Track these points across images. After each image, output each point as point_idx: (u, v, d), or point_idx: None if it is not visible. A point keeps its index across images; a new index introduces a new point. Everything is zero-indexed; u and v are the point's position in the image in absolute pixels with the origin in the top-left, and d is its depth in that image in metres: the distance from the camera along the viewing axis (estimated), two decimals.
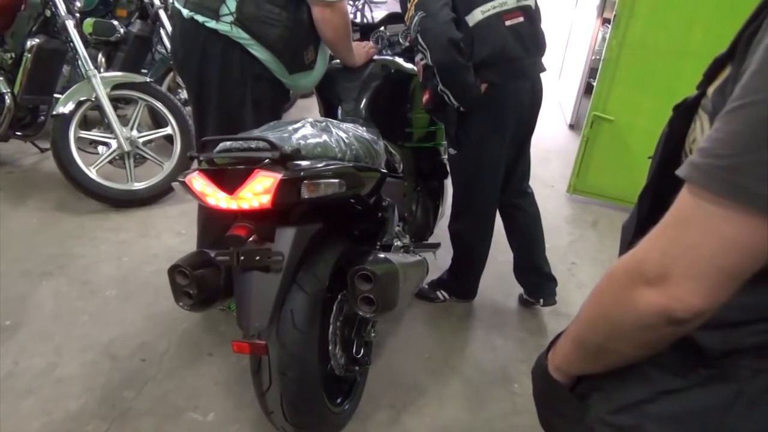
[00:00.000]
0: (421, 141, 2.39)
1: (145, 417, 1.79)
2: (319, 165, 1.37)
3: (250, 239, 1.34)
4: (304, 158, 1.37)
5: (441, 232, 2.47)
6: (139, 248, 2.72)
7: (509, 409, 1.96)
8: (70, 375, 1.93)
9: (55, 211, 2.99)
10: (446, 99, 1.94)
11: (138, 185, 3.06)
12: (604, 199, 3.74)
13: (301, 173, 1.29)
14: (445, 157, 2.34)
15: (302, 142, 1.41)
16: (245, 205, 1.28)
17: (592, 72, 4.67)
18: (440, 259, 2.56)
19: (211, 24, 1.77)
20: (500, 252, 2.58)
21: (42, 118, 3.26)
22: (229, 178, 1.29)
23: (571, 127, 5.34)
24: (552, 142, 4.92)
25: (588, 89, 4.73)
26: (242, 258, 1.33)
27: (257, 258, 1.33)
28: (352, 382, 1.81)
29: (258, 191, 1.26)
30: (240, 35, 1.77)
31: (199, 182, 1.30)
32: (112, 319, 2.21)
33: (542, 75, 2.12)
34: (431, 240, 2.53)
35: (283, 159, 1.30)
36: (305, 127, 1.51)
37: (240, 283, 1.38)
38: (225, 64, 1.82)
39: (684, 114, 0.69)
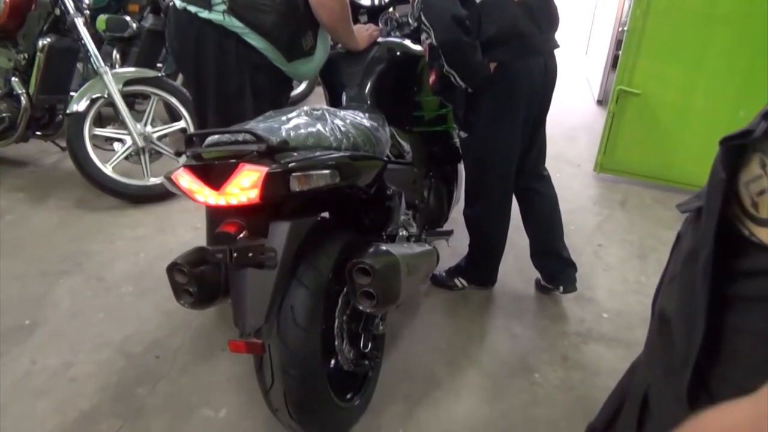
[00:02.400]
0: (431, 125, 2.31)
1: (158, 414, 1.79)
2: (309, 156, 1.31)
3: (242, 235, 1.30)
4: (293, 149, 1.32)
5: (460, 217, 2.39)
6: (155, 244, 2.72)
7: (529, 400, 1.89)
8: (84, 373, 1.94)
9: (74, 209, 3.02)
10: (453, 80, 1.85)
11: (154, 180, 3.06)
12: (633, 176, 3.59)
13: (289, 165, 1.24)
14: (457, 140, 2.25)
15: (293, 132, 1.35)
16: (233, 201, 1.24)
17: (619, 44, 4.47)
18: (459, 245, 2.49)
19: (204, 14, 1.72)
20: (522, 237, 2.49)
21: (60, 117, 3.28)
22: (216, 173, 1.25)
23: (599, 102, 5.16)
24: (579, 119, 4.77)
25: (616, 63, 4.55)
26: (235, 255, 1.29)
27: (250, 255, 1.29)
28: (363, 376, 1.77)
29: (245, 186, 1.21)
30: (234, 24, 1.72)
31: (185, 179, 1.27)
32: (127, 316, 2.22)
33: (559, 52, 2.02)
34: (447, 226, 2.46)
35: (270, 151, 1.25)
36: (299, 117, 1.45)
37: (234, 280, 1.34)
38: (221, 55, 1.77)
39: (735, 152, 0.53)
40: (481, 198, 2.18)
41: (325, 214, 1.67)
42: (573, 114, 4.84)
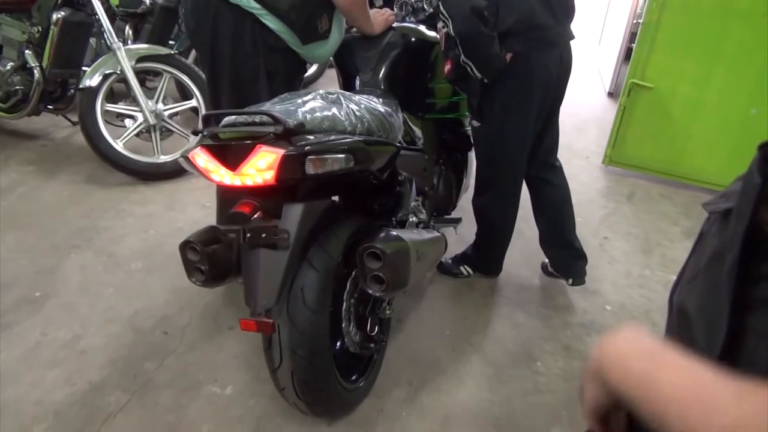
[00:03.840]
0: (443, 112, 2.30)
1: (165, 389, 1.82)
2: (325, 140, 1.32)
3: (256, 216, 1.31)
4: (309, 132, 1.33)
5: (467, 204, 2.40)
6: (164, 221, 2.75)
7: (530, 388, 1.91)
8: (94, 347, 1.97)
9: (85, 184, 3.04)
10: (469, 70, 1.85)
11: (164, 158, 3.08)
12: (641, 170, 3.59)
13: (305, 148, 1.25)
14: (469, 128, 2.25)
15: (309, 115, 1.36)
16: (249, 182, 1.25)
17: (633, 37, 4.45)
18: (465, 233, 2.50)
19: None
20: (529, 227, 2.51)
21: (72, 91, 3.29)
22: (232, 153, 1.26)
23: (611, 95, 5.14)
24: (589, 111, 4.75)
25: (629, 55, 4.52)
26: (248, 235, 1.31)
27: (263, 235, 1.31)
28: (368, 359, 1.79)
29: (261, 167, 1.22)
30: (251, 5, 1.72)
31: (201, 158, 1.28)
32: (137, 292, 2.24)
33: (572, 42, 2.01)
34: (455, 213, 2.47)
35: (287, 134, 1.26)
36: (315, 100, 1.46)
37: (247, 260, 1.36)
38: (237, 36, 1.77)
39: None
40: (490, 187, 2.19)
41: (335, 198, 1.68)
42: (583, 105, 4.82)
